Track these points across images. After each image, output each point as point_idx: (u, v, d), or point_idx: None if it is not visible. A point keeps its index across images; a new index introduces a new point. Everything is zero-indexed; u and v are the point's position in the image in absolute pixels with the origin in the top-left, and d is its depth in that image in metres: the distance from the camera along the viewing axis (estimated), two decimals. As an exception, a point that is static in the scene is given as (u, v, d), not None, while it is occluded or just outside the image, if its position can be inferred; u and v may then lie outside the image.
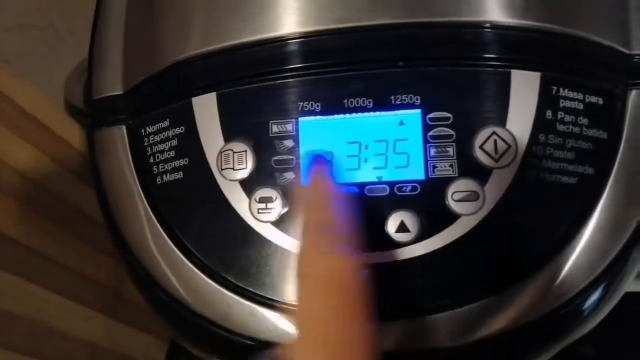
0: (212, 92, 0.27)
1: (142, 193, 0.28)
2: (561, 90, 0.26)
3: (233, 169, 0.26)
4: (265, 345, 0.26)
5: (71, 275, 0.49)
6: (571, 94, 0.26)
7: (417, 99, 0.26)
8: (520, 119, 0.25)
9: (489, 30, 0.26)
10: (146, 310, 0.57)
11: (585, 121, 0.26)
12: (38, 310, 0.45)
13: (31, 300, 0.44)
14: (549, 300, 0.25)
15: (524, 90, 0.26)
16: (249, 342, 0.26)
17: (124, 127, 0.30)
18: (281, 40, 0.27)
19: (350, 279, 0.21)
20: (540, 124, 0.25)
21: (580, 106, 0.26)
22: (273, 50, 0.27)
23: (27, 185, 0.46)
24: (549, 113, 0.26)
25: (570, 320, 0.26)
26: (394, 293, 0.25)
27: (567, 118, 0.26)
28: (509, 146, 0.25)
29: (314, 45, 0.27)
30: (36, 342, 0.45)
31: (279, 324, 0.26)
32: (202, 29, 0.28)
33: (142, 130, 0.29)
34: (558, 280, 0.25)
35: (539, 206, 0.25)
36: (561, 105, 0.26)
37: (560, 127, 0.25)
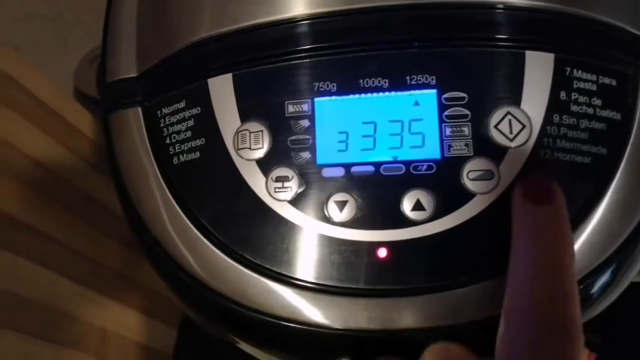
0: (228, 73, 0.28)
1: (158, 173, 0.28)
2: (575, 71, 0.26)
3: (250, 148, 0.27)
4: (281, 321, 0.26)
5: (83, 260, 0.49)
6: (585, 75, 0.26)
7: (432, 79, 0.26)
8: (534, 99, 0.26)
9: (502, 11, 0.26)
10: (156, 296, 0.57)
11: (598, 102, 0.26)
12: (51, 295, 0.45)
13: (44, 285, 0.45)
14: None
15: (538, 71, 0.26)
16: (265, 318, 0.26)
17: (139, 109, 0.30)
18: (296, 21, 0.27)
19: None
20: (555, 105, 0.26)
21: (594, 87, 0.26)
22: (288, 31, 0.27)
23: (40, 172, 0.46)
24: (563, 94, 0.26)
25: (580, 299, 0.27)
26: (409, 271, 0.25)
27: (581, 99, 0.26)
28: (524, 126, 0.25)
29: (329, 25, 0.27)
30: (48, 326, 0.46)
31: (295, 301, 0.26)
32: (216, 10, 0.28)
33: (158, 112, 0.29)
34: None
35: (552, 185, 0.25)
36: (575, 86, 0.26)
37: (574, 108, 0.26)
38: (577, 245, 0.26)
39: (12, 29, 0.55)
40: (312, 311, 0.26)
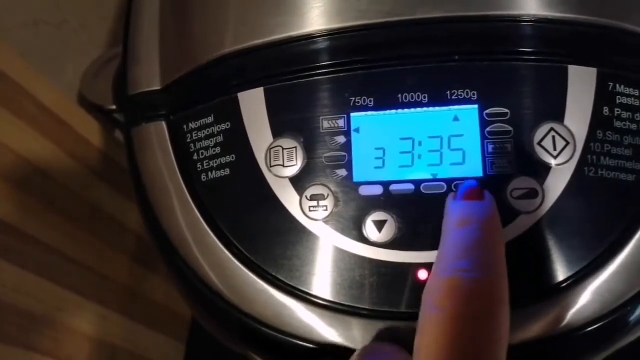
0: (259, 86, 0.27)
1: (186, 191, 0.27)
2: (617, 86, 0.25)
3: (283, 165, 0.26)
4: (316, 345, 0.25)
5: (91, 275, 0.48)
6: (627, 90, 0.25)
7: (473, 94, 0.25)
8: (577, 115, 0.25)
9: (544, 24, 0.26)
10: (164, 311, 0.56)
11: None
12: (59, 311, 0.44)
13: (53, 300, 0.44)
14: (605, 302, 0.25)
15: (581, 86, 0.25)
16: (300, 342, 0.25)
17: (163, 123, 0.29)
18: (331, 34, 0.26)
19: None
20: (598, 121, 0.25)
21: (637, 102, 0.25)
22: (323, 44, 0.26)
23: (48, 183, 0.45)
24: (605, 109, 0.25)
25: (624, 323, 0.26)
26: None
27: (624, 114, 0.25)
28: (567, 142, 0.25)
29: (365, 38, 0.26)
30: (57, 342, 0.44)
31: (331, 325, 0.25)
32: (247, 21, 0.28)
33: (184, 126, 0.28)
34: (615, 281, 0.25)
35: (597, 203, 0.25)
36: (617, 101, 0.25)
37: (617, 124, 0.25)
38: (618, 265, 0.25)
39: (19, 35, 0.53)
40: (348, 335, 0.25)
